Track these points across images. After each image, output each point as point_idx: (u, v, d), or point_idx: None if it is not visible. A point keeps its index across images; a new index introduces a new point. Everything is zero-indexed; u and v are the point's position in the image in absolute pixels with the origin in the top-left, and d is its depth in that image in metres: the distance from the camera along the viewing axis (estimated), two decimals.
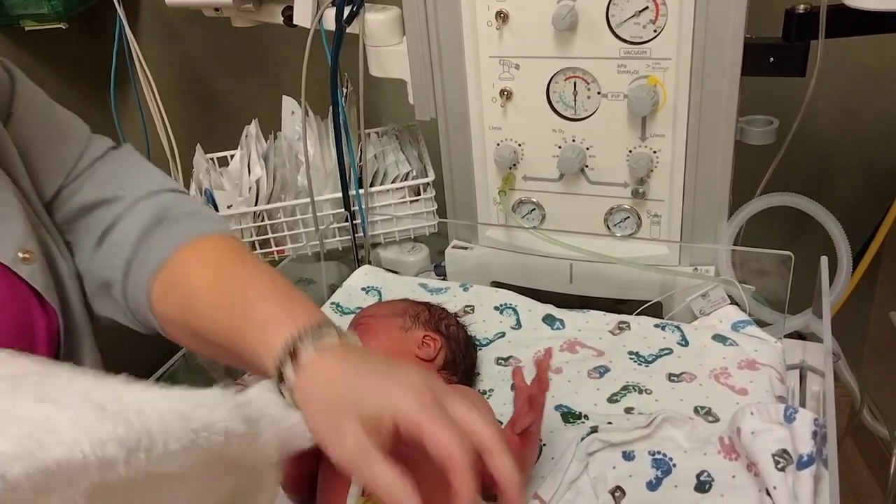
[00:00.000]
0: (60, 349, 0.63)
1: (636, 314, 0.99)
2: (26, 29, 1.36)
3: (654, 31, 0.88)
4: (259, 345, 0.56)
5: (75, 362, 0.65)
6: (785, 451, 0.66)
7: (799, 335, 0.97)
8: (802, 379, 0.89)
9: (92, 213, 0.68)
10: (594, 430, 0.75)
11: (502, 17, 0.93)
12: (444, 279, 1.13)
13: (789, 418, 0.67)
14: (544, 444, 0.77)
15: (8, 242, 0.58)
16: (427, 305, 0.92)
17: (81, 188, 0.68)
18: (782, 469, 0.65)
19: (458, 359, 0.87)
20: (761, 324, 0.95)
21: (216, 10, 1.13)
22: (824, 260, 0.88)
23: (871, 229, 1.10)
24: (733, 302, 0.97)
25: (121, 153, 0.74)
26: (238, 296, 0.59)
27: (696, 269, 0.99)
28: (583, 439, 0.74)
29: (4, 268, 0.58)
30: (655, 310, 1.01)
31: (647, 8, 0.87)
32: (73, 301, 0.66)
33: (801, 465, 0.63)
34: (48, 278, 0.62)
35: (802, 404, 0.85)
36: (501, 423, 0.80)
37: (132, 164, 0.72)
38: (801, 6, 0.87)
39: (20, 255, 0.59)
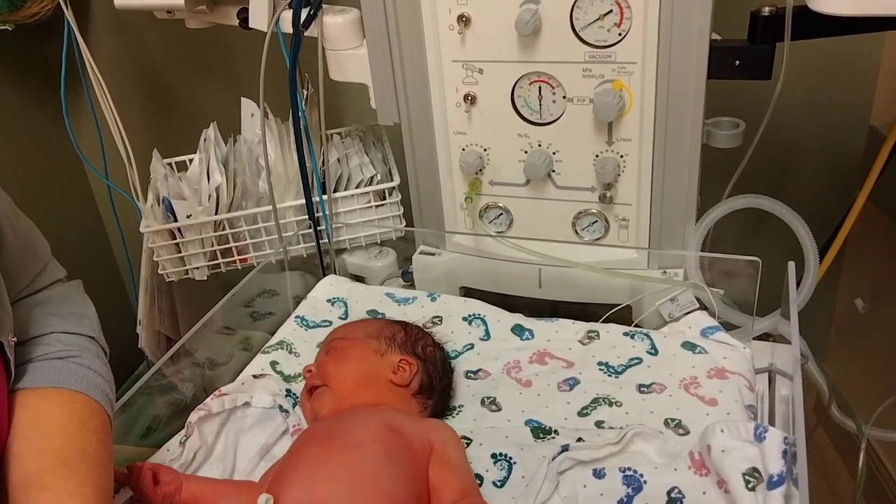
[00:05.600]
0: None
1: (606, 317, 0.99)
2: None
3: (619, 34, 0.87)
4: None
5: None
6: (755, 469, 0.66)
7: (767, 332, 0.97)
8: (771, 382, 0.89)
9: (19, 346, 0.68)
10: (565, 448, 0.74)
11: (464, 20, 0.91)
12: (411, 285, 1.11)
13: (759, 437, 0.66)
14: (514, 463, 0.76)
15: (7, 327, 0.62)
16: (403, 325, 0.89)
17: (19, 317, 0.68)
18: (752, 489, 0.64)
19: (435, 382, 0.85)
20: (730, 326, 0.95)
21: (168, 12, 1.09)
22: (791, 265, 0.87)
23: (839, 218, 1.10)
24: (702, 305, 0.96)
25: (67, 290, 0.74)
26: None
27: (664, 272, 0.99)
28: (554, 458, 0.73)
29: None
30: (625, 313, 1.00)
31: (611, 11, 0.86)
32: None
33: (772, 484, 0.63)
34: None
35: (772, 408, 0.85)
36: (471, 442, 0.79)
37: (70, 303, 0.72)
38: (767, 8, 0.85)
39: (11, 339, 0.63)
